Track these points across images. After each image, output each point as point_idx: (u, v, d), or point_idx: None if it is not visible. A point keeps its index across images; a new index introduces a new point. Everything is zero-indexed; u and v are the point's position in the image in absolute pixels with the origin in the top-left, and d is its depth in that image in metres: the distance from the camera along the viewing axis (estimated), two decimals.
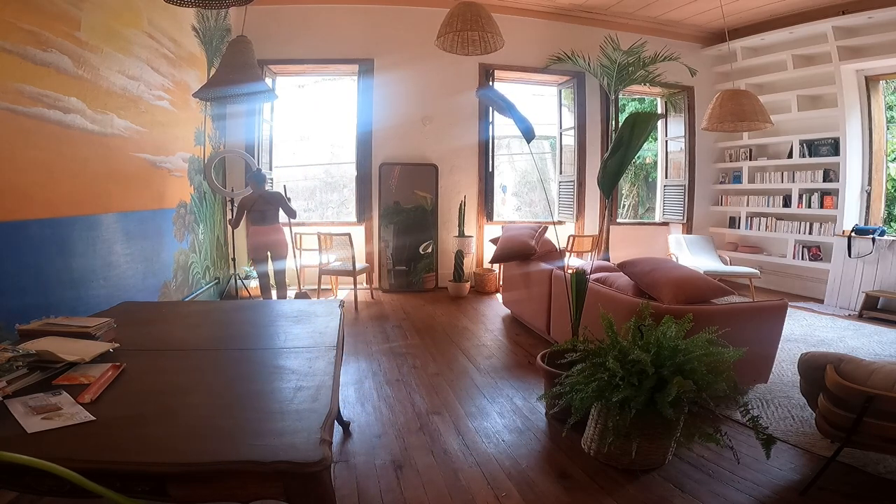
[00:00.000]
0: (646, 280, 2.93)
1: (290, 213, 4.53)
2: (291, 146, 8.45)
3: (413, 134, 6.04)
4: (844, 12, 5.20)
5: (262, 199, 4.39)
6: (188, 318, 2.37)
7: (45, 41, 2.48)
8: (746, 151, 6.54)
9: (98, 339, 1.79)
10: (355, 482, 2.03)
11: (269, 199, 4.42)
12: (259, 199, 4.37)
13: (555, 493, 1.98)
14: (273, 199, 4.44)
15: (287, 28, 5.66)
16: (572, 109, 6.55)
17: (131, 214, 3.41)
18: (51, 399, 1.32)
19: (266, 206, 4.40)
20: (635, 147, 2.46)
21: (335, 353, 1.80)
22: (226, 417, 1.31)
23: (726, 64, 6.41)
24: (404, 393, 2.97)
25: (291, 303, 3.98)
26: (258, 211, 4.38)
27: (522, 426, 2.55)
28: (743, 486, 2.01)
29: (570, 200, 6.64)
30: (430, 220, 6.06)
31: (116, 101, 3.18)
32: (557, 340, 3.41)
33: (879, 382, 1.83)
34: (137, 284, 3.44)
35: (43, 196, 2.52)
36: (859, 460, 2.15)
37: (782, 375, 3.20)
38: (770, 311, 2.90)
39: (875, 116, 5.35)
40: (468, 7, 3.45)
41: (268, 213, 4.41)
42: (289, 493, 1.10)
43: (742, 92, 4.25)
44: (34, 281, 2.40)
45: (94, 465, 1.06)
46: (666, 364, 2.01)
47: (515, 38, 5.23)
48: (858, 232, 5.10)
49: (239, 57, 2.67)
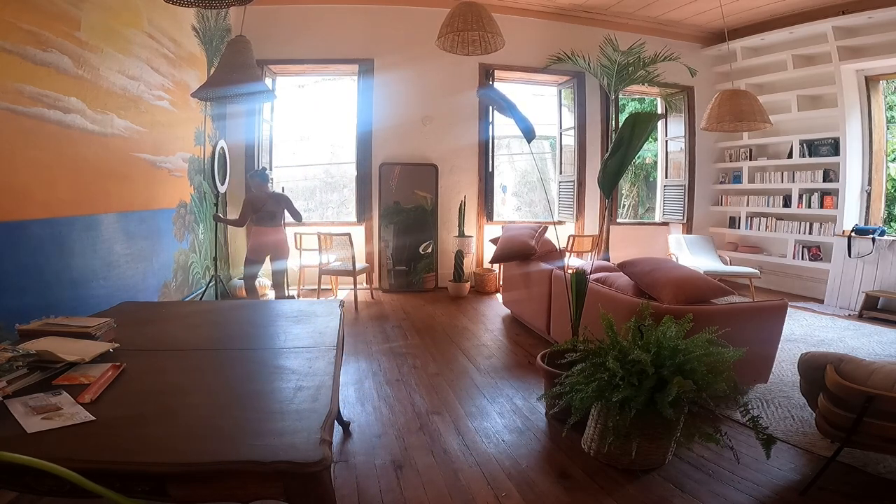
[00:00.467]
0: (646, 280, 2.93)
1: (297, 216, 4.43)
2: (291, 146, 8.45)
3: (413, 134, 6.04)
4: (844, 12, 5.20)
5: (273, 200, 4.31)
6: (188, 318, 2.37)
7: (45, 41, 2.48)
8: (746, 151, 6.54)
9: (98, 339, 1.79)
10: (355, 482, 2.03)
11: (278, 199, 4.35)
12: (269, 200, 4.29)
13: (555, 493, 1.98)
14: (282, 200, 4.36)
15: (287, 28, 5.66)
16: (572, 109, 6.55)
17: (131, 214, 3.41)
18: (51, 399, 1.32)
19: (276, 206, 4.32)
20: (635, 147, 2.46)
21: (335, 353, 1.80)
22: (226, 417, 1.31)
23: (726, 64, 6.41)
24: (404, 393, 2.97)
25: (291, 303, 3.98)
26: (268, 211, 4.28)
27: (522, 426, 2.55)
28: (743, 486, 2.01)
29: (570, 200, 6.64)
30: (430, 220, 6.06)
31: (116, 101, 3.18)
32: (557, 340, 3.41)
33: (879, 382, 1.83)
34: (137, 284, 3.44)
35: (43, 196, 2.52)
36: (859, 460, 2.15)
37: (782, 375, 3.20)
38: (770, 311, 2.90)
39: (875, 116, 5.35)
40: (468, 7, 3.45)
41: (277, 214, 4.34)
42: (289, 493, 1.10)
43: (741, 92, 4.24)
44: (34, 281, 2.40)
45: (94, 465, 1.06)
46: (666, 364, 2.01)
47: (515, 38, 5.22)
48: (858, 232, 5.10)
49: (237, 57, 2.66)
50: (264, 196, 4.28)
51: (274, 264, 4.43)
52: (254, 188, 4.36)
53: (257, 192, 4.30)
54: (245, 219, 4.31)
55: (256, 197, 4.28)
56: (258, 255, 4.36)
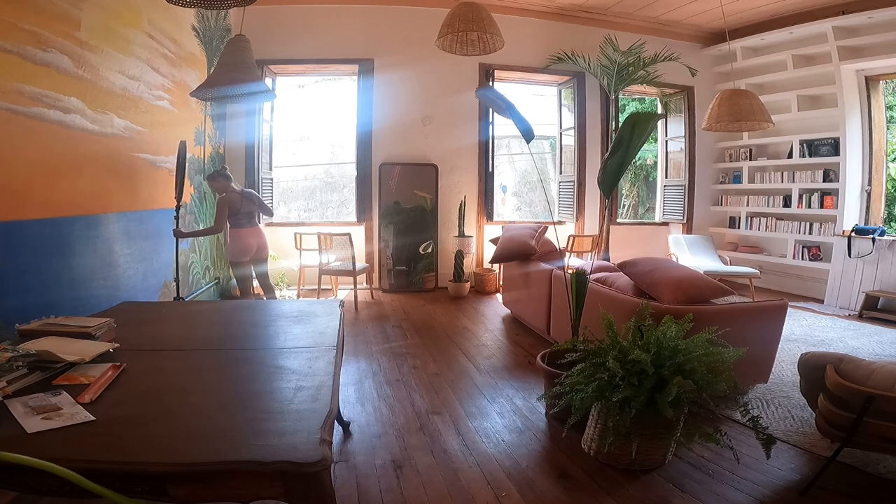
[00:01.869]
0: (646, 280, 2.93)
1: (269, 212, 4.31)
2: (291, 146, 8.46)
3: (413, 134, 6.04)
4: (844, 12, 5.20)
5: (247, 199, 4.07)
6: (188, 318, 2.37)
7: (45, 41, 2.48)
8: (746, 151, 6.54)
9: (98, 339, 1.79)
10: (355, 482, 2.03)
11: (251, 198, 4.14)
12: (244, 199, 4.05)
13: (555, 492, 1.98)
14: (254, 197, 4.17)
15: (287, 28, 5.66)
16: (572, 109, 6.55)
17: (131, 214, 3.41)
18: (51, 399, 1.32)
19: (251, 206, 4.12)
20: (635, 147, 2.46)
21: (335, 353, 1.80)
22: (226, 417, 1.31)
23: (726, 64, 6.41)
24: (404, 393, 2.97)
25: (291, 303, 3.98)
26: (246, 212, 4.05)
27: (522, 426, 2.55)
28: (743, 486, 2.01)
29: (570, 200, 6.63)
30: (430, 220, 6.06)
31: (116, 101, 3.18)
32: (557, 340, 3.41)
33: (879, 382, 1.83)
34: (137, 284, 3.44)
35: (43, 196, 2.52)
36: (859, 460, 2.15)
37: (782, 375, 3.20)
38: (770, 311, 2.90)
39: (875, 116, 5.35)
40: (468, 7, 3.45)
41: (254, 214, 4.14)
42: (289, 493, 1.10)
43: (742, 92, 4.24)
44: (34, 281, 2.40)
45: (94, 465, 1.06)
46: (666, 364, 2.01)
47: (515, 38, 5.23)
48: (858, 232, 5.10)
49: (237, 56, 2.66)
50: (237, 196, 4.01)
51: (258, 267, 4.22)
52: (223, 190, 3.99)
53: (232, 193, 4.00)
54: (223, 224, 3.97)
55: (233, 198, 3.98)
56: (245, 256, 4.10)
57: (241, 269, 4.15)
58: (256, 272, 4.24)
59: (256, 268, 4.22)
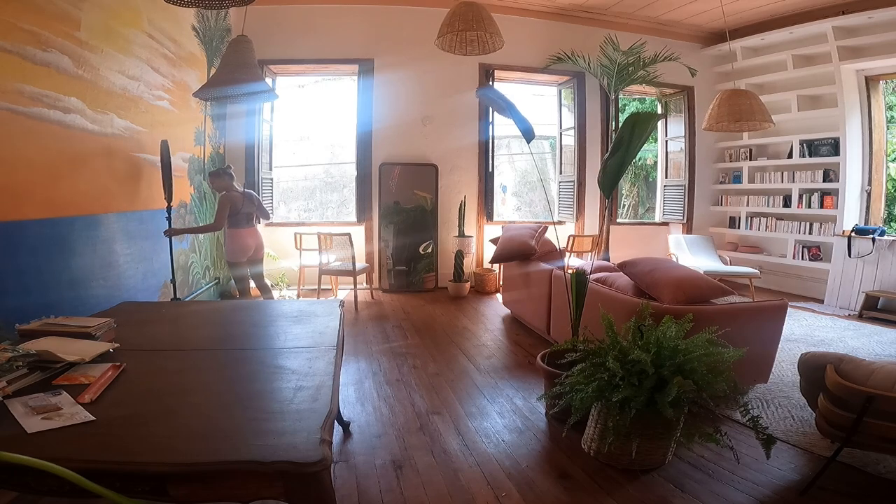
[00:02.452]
0: (646, 280, 2.93)
1: (266, 216, 4.32)
2: (291, 146, 8.45)
3: (413, 134, 6.04)
4: (844, 12, 5.20)
5: (248, 200, 4.08)
6: (188, 318, 2.37)
7: (45, 41, 2.48)
8: (746, 151, 6.54)
9: (98, 339, 1.79)
10: (355, 482, 2.03)
11: (251, 199, 4.15)
12: (245, 200, 4.05)
13: (555, 493, 1.98)
14: (254, 199, 4.18)
15: (287, 28, 5.66)
16: (572, 109, 6.55)
17: (131, 214, 3.41)
18: (51, 399, 1.32)
19: (251, 207, 4.13)
20: (635, 147, 2.46)
21: (335, 353, 1.80)
22: (226, 417, 1.31)
23: (726, 64, 6.41)
24: (404, 393, 2.96)
25: (291, 303, 3.98)
26: (245, 213, 4.05)
27: (522, 426, 2.55)
28: (743, 486, 2.01)
29: (570, 200, 6.63)
30: (430, 220, 6.06)
31: (116, 101, 3.18)
32: (557, 340, 3.41)
33: (879, 382, 1.83)
34: (137, 284, 3.44)
35: (43, 196, 2.52)
36: (859, 460, 2.15)
37: (782, 375, 3.20)
38: (770, 311, 2.89)
39: (875, 116, 5.34)
40: (468, 7, 3.45)
41: (252, 215, 4.15)
42: (289, 493, 1.10)
43: (742, 91, 4.25)
44: (34, 281, 2.40)
45: (94, 465, 1.06)
46: (666, 364, 2.01)
47: (515, 38, 5.22)
48: (858, 232, 5.10)
49: (239, 56, 2.67)
50: (239, 196, 4.02)
51: (254, 268, 4.24)
52: (226, 189, 4.00)
53: (234, 192, 4.01)
54: (223, 222, 3.95)
55: (235, 197, 3.99)
56: (243, 256, 4.10)
57: (238, 270, 4.17)
58: (252, 273, 4.25)
59: (252, 268, 4.24)
